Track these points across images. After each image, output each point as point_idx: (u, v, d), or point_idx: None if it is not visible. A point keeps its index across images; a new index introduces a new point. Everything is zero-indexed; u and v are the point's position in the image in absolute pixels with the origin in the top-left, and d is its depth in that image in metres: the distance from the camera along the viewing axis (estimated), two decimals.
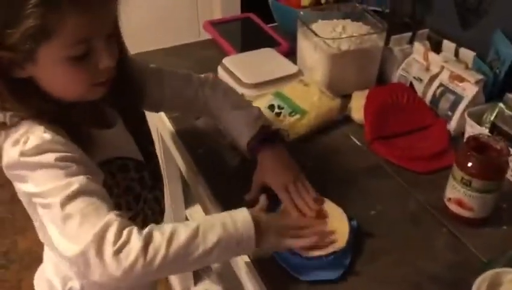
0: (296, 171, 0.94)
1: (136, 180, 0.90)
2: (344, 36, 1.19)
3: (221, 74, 1.25)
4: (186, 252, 0.71)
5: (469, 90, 1.09)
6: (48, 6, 0.66)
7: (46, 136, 0.72)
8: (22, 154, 0.71)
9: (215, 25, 1.51)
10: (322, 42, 1.18)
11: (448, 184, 0.92)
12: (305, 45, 1.25)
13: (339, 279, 0.81)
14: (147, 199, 0.93)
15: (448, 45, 1.19)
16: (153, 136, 1.00)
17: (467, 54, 1.15)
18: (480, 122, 1.05)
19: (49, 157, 0.71)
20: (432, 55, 1.18)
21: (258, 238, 0.76)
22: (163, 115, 1.18)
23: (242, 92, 1.18)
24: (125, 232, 0.69)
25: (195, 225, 0.73)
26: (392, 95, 1.16)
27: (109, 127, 0.87)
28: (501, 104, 1.04)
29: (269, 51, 1.33)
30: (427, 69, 1.18)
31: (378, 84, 1.26)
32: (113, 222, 0.69)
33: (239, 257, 0.86)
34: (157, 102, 1.00)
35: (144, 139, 0.96)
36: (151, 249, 0.69)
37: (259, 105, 1.08)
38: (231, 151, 1.06)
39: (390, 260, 0.85)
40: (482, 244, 0.88)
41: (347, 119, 1.17)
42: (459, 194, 0.90)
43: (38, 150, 0.71)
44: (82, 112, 0.81)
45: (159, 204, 0.99)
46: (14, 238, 2.09)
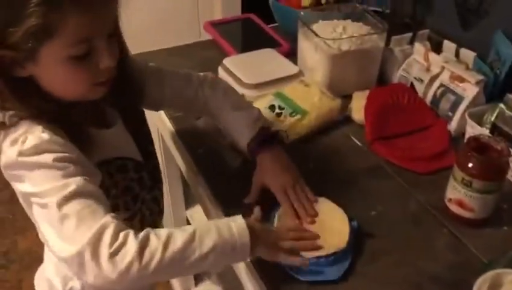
0: (295, 174, 0.94)
1: (135, 180, 0.90)
2: (344, 37, 1.19)
3: (222, 75, 1.25)
4: (183, 256, 0.71)
5: (469, 90, 1.09)
6: (50, 6, 0.66)
7: (44, 136, 0.72)
8: (20, 154, 0.71)
9: (215, 25, 1.51)
10: (323, 43, 1.18)
11: (448, 185, 0.92)
12: (305, 46, 1.25)
13: (340, 279, 0.81)
14: (145, 199, 0.93)
15: (449, 46, 1.19)
16: (153, 136, 1.00)
17: (468, 54, 1.15)
18: (480, 123, 1.05)
19: (47, 157, 0.71)
20: (433, 56, 1.17)
21: (252, 245, 0.76)
22: (163, 115, 1.18)
23: (243, 92, 1.17)
24: (122, 235, 0.69)
25: (192, 230, 0.73)
26: (393, 95, 1.16)
27: (109, 127, 0.87)
28: (501, 105, 1.04)
29: (270, 52, 1.32)
30: (428, 69, 1.18)
31: (378, 85, 1.26)
32: (109, 225, 0.69)
33: None
34: (157, 101, 1.00)
35: (144, 139, 0.95)
36: (147, 253, 0.69)
37: (260, 105, 1.08)
38: (231, 152, 1.06)
39: (391, 260, 0.85)
40: (483, 245, 0.88)
41: (347, 120, 1.17)
42: (459, 194, 0.89)
43: (37, 150, 0.71)
44: (82, 111, 0.81)
45: (158, 204, 0.99)
46: (14, 238, 2.09)
